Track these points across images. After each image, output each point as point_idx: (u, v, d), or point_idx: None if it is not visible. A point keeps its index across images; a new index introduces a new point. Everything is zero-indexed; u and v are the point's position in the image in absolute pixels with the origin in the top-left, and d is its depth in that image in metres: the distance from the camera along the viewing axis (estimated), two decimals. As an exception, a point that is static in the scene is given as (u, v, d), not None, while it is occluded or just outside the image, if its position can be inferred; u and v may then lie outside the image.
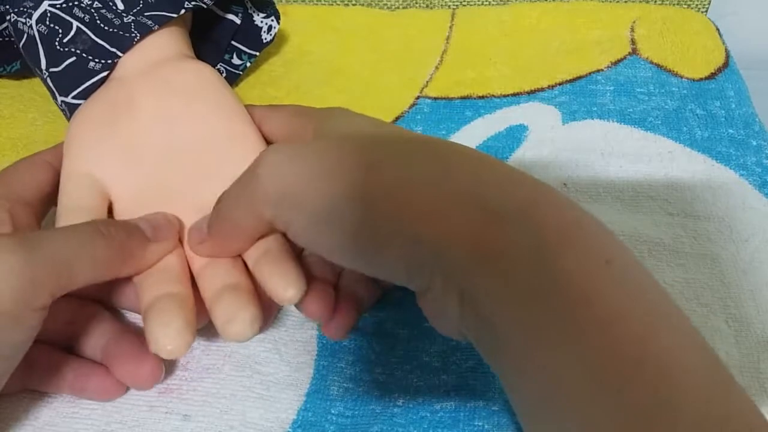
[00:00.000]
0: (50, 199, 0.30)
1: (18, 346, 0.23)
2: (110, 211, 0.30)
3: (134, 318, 0.31)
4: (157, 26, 0.34)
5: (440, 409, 0.28)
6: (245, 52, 0.43)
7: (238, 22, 0.41)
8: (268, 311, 0.28)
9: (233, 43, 0.42)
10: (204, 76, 0.34)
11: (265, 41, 0.43)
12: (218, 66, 0.43)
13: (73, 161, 0.30)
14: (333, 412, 0.28)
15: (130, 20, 0.34)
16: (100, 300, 0.29)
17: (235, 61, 0.43)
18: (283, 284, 0.25)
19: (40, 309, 0.23)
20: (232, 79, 0.43)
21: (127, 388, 0.28)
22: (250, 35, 0.42)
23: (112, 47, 0.34)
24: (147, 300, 0.26)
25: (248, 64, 0.43)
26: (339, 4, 0.53)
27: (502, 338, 0.20)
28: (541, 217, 0.20)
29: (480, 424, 0.27)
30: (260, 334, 0.31)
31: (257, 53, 0.43)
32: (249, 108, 0.33)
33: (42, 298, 0.23)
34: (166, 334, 0.24)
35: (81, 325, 0.28)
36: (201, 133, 0.32)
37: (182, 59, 0.35)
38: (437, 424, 0.27)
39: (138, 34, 0.34)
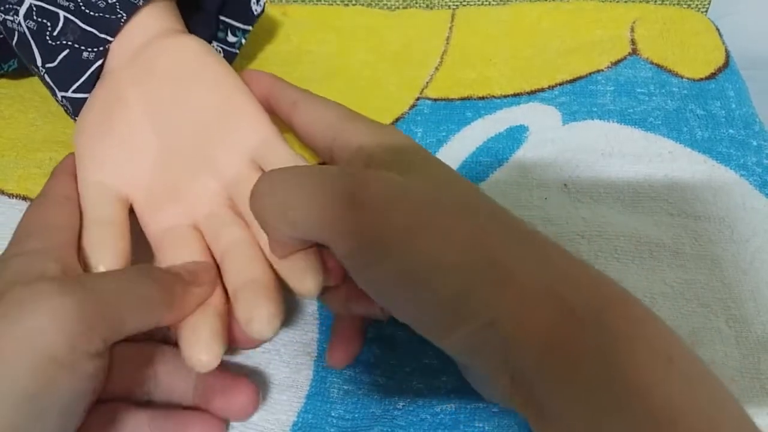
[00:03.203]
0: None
1: (76, 398, 0.22)
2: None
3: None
4: (141, 1, 0.33)
5: (441, 411, 0.28)
6: (238, 28, 0.42)
7: None
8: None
9: (225, 19, 0.42)
10: (188, 51, 0.32)
11: (255, 13, 0.42)
12: (214, 45, 0.42)
13: (84, 171, 0.30)
14: (333, 414, 0.28)
15: (114, 1, 0.33)
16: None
17: (230, 38, 0.42)
18: (301, 277, 0.25)
19: (95, 356, 0.22)
20: (230, 58, 0.42)
21: (227, 426, 0.28)
22: (241, 9, 0.42)
23: (101, 33, 0.33)
24: None
25: (243, 41, 0.42)
26: (339, 4, 0.53)
27: (557, 424, 0.20)
28: (611, 320, 0.20)
29: (480, 425, 0.27)
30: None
31: (250, 27, 0.42)
32: (286, 87, 0.31)
33: (96, 343, 0.22)
34: (195, 347, 0.24)
35: (158, 370, 0.27)
36: (196, 116, 0.30)
37: (165, 37, 0.33)
38: (438, 425, 0.27)
39: (124, 15, 0.33)
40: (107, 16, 0.33)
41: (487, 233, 0.22)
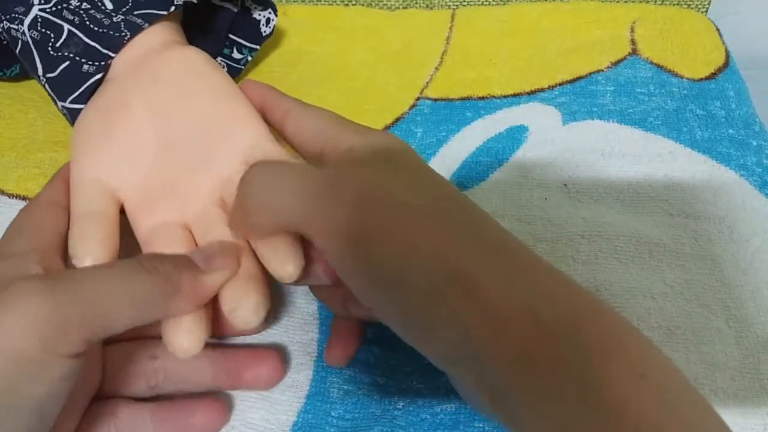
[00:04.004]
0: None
1: (49, 398, 0.21)
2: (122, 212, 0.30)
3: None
4: (147, 24, 0.34)
5: (440, 411, 0.28)
6: (245, 46, 0.43)
7: (236, 10, 0.41)
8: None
9: (233, 37, 0.43)
10: (190, 61, 0.33)
11: (264, 34, 0.43)
12: (219, 60, 0.43)
13: (79, 169, 0.30)
14: (333, 414, 0.28)
15: (119, 20, 0.34)
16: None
17: (236, 55, 0.43)
18: (282, 261, 0.25)
19: (73, 357, 0.21)
20: (234, 74, 0.43)
21: (230, 411, 0.28)
22: (249, 28, 0.42)
23: (104, 48, 0.34)
24: None
25: (249, 59, 0.43)
26: (339, 4, 0.53)
27: None
28: (587, 334, 0.20)
29: (480, 425, 0.27)
30: (260, 335, 0.31)
31: (257, 47, 0.43)
32: (279, 97, 0.31)
33: (73, 344, 0.21)
34: (176, 333, 0.24)
35: (166, 363, 0.27)
36: (195, 122, 0.31)
37: (167, 48, 0.34)
38: (438, 426, 0.27)
39: (128, 33, 0.34)
40: (111, 33, 0.34)
41: (456, 243, 0.22)
